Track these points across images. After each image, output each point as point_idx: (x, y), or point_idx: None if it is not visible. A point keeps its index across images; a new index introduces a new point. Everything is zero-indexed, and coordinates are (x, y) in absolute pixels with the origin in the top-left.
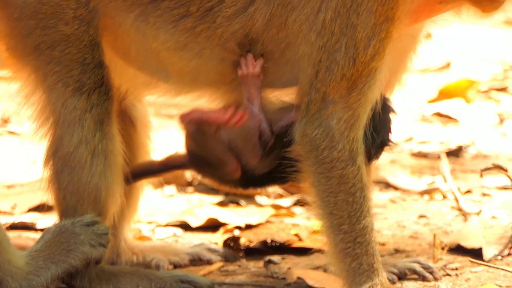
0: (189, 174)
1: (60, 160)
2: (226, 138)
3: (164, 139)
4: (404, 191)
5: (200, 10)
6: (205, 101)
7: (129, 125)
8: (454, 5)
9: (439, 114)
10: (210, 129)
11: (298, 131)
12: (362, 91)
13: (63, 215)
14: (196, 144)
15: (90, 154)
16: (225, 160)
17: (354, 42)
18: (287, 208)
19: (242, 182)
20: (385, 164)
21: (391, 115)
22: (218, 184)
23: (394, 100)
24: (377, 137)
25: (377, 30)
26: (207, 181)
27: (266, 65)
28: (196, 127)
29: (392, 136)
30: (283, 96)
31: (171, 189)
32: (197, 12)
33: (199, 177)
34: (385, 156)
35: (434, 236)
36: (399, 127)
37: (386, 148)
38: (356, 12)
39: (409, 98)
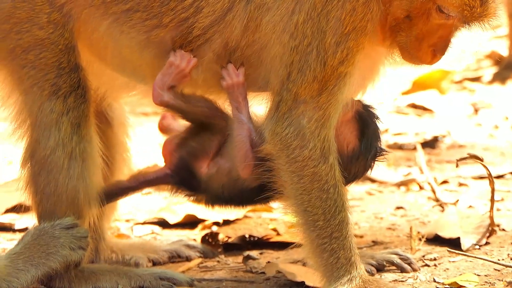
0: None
1: (37, 163)
2: (218, 158)
3: (141, 136)
4: (380, 183)
5: (173, 21)
6: None
7: (106, 125)
8: (390, 50)
9: (413, 106)
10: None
11: (268, 130)
12: (332, 92)
13: (41, 217)
14: (185, 104)
15: (67, 157)
16: (215, 107)
17: (324, 47)
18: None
19: (221, 198)
20: None
21: (377, 122)
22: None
23: (368, 92)
24: (371, 148)
25: (345, 38)
26: None
27: (246, 71)
28: (172, 94)
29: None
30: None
31: None
32: (170, 23)
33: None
34: None
35: (411, 227)
36: None
37: (380, 157)
38: (326, 18)
39: (383, 90)
